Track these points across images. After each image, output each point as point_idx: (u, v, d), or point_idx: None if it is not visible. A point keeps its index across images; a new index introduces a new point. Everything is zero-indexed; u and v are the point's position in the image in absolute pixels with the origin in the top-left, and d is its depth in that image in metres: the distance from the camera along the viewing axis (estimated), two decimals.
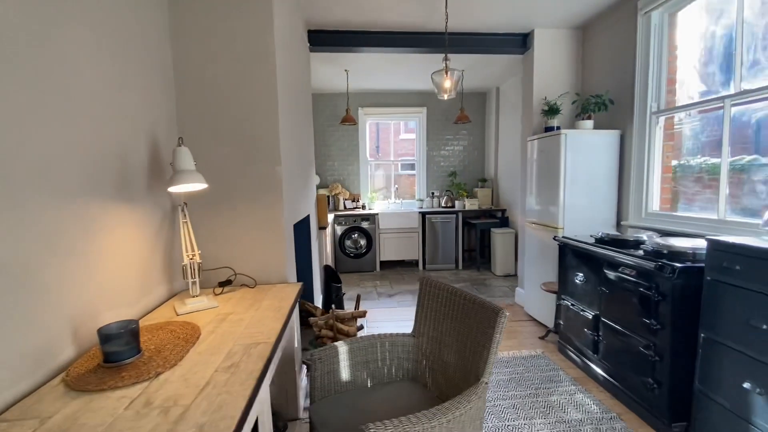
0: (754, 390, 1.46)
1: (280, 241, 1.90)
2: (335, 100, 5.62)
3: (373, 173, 6.02)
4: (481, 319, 1.32)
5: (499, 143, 5.57)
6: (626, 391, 2.09)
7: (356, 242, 5.35)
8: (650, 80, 2.75)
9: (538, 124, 3.51)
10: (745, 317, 1.49)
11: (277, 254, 1.90)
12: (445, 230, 5.35)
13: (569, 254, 2.63)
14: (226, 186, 1.82)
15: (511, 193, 5.20)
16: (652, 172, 2.80)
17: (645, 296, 1.92)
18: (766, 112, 2.01)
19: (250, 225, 1.86)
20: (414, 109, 5.79)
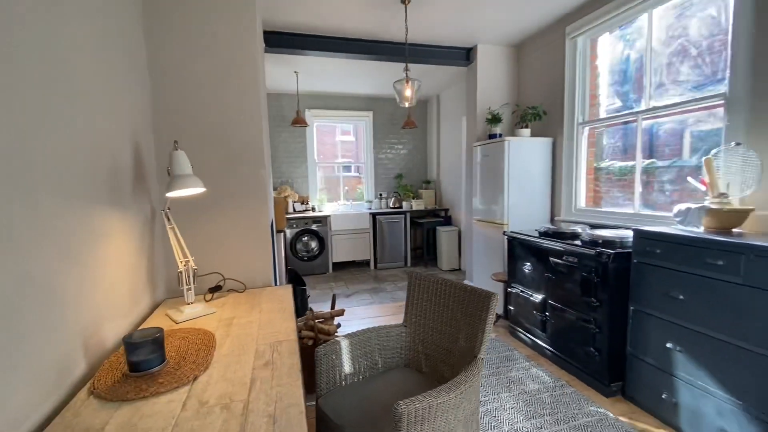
0: (675, 348, 1.85)
1: (265, 245, 1.91)
2: (281, 100, 5.53)
3: (322, 176, 6.02)
4: (473, 303, 1.50)
5: (440, 147, 5.95)
6: (572, 362, 2.45)
7: (307, 245, 5.33)
8: (576, 96, 3.22)
9: (483, 131, 3.87)
10: (664, 290, 1.88)
11: (262, 258, 1.91)
12: (394, 230, 5.57)
13: (518, 247, 2.97)
14: (211, 190, 1.78)
15: (453, 193, 5.60)
16: (579, 174, 3.28)
17: (586, 279, 2.28)
18: (670, 124, 2.51)
19: (235, 229, 1.84)
20: (361, 113, 5.93)
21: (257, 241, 1.88)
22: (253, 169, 1.85)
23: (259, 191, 1.87)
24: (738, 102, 2.02)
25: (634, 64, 2.81)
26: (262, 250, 1.90)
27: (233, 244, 1.84)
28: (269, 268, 1.92)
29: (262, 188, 1.88)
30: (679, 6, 2.47)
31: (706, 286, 1.70)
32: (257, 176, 1.86)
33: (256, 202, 1.87)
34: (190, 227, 1.77)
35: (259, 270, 1.90)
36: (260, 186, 1.87)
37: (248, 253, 1.87)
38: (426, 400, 1.12)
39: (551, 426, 1.94)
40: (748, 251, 1.55)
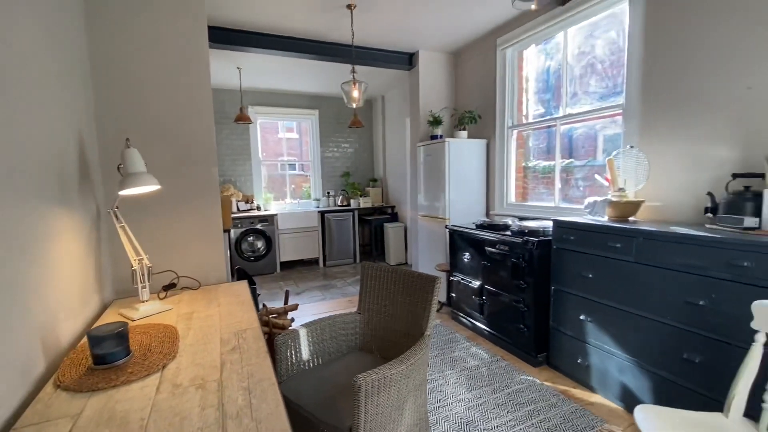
0: (586, 319, 2.19)
1: (218, 242, 1.93)
2: (222, 96, 5.36)
3: (267, 174, 5.92)
4: (421, 287, 1.68)
5: (386, 146, 6.15)
6: (506, 339, 2.76)
7: (253, 245, 5.24)
8: (506, 101, 3.57)
9: (424, 132, 4.12)
10: (578, 270, 2.22)
11: (215, 255, 1.93)
12: (342, 227, 5.67)
13: (458, 239, 3.25)
14: (162, 188, 1.76)
15: (399, 191, 5.83)
16: (509, 172, 3.64)
17: (516, 264, 2.58)
18: (583, 129, 2.91)
19: (188, 227, 1.85)
20: (307, 111, 5.93)
21: (210, 239, 1.90)
22: (204, 166, 1.87)
23: (211, 189, 1.89)
24: (632, 111, 2.43)
25: (553, 75, 3.20)
26: (215, 247, 1.92)
27: (186, 242, 1.84)
28: (223, 265, 1.94)
29: (213, 186, 1.90)
30: (587, 27, 2.87)
31: (609, 265, 2.05)
32: (209, 174, 1.88)
33: (208, 199, 1.89)
34: (140, 226, 1.75)
35: (213, 267, 1.92)
36: (212, 184, 1.89)
37: (201, 250, 1.88)
38: (381, 372, 1.27)
39: (488, 395, 2.20)
40: (638, 235, 1.91)
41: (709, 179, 2.03)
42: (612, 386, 2.09)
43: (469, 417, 2.01)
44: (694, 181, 2.09)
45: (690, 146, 2.11)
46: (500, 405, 2.10)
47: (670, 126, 2.21)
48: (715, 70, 1.97)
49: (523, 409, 2.06)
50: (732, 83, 1.91)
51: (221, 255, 1.94)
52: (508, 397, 2.18)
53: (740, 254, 1.52)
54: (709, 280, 1.62)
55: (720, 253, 1.58)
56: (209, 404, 0.86)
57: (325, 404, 1.41)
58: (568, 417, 1.98)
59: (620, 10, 2.55)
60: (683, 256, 1.71)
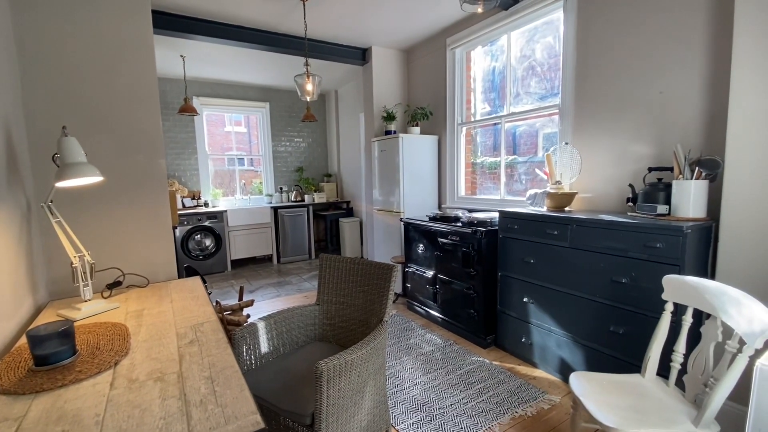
0: (529, 301, 2.38)
1: (167, 237, 1.85)
2: (165, 85, 5.04)
3: (214, 169, 5.67)
4: (378, 275, 1.74)
5: (340, 141, 6.14)
6: (457, 324, 2.91)
7: (200, 243, 5.01)
8: (456, 99, 3.73)
9: (379, 127, 4.18)
10: (521, 257, 2.40)
11: (164, 251, 1.85)
12: (297, 223, 5.59)
13: (412, 231, 3.36)
14: (104, 180, 1.66)
15: (354, 186, 5.86)
16: (459, 167, 3.81)
17: (466, 253, 2.73)
18: (525, 127, 3.13)
19: (134, 222, 1.75)
20: (257, 103, 5.75)
21: (158, 234, 1.82)
22: (150, 157, 1.78)
23: (158, 182, 1.81)
24: (567, 111, 2.66)
25: (498, 76, 3.40)
26: (163, 242, 1.84)
27: (132, 238, 1.75)
28: (173, 261, 1.87)
29: (161, 178, 1.81)
30: (528, 31, 3.08)
31: (547, 251, 2.24)
32: (155, 165, 1.80)
33: (155, 192, 1.80)
34: (79, 221, 1.63)
35: (162, 263, 1.84)
36: (159, 176, 1.81)
37: (149, 246, 1.80)
38: (342, 357, 1.31)
39: (443, 377, 2.32)
40: (572, 223, 2.11)
41: (631, 172, 2.29)
42: (551, 360, 2.30)
43: (425, 398, 2.11)
44: (619, 174, 2.35)
45: (615, 143, 2.37)
46: (453, 385, 2.23)
47: (598, 124, 2.45)
48: (635, 75, 2.22)
49: (474, 387, 2.20)
50: (648, 88, 2.16)
51: (171, 251, 1.86)
52: (460, 377, 2.31)
53: (653, 237, 1.75)
54: (630, 260, 1.85)
55: (638, 237, 1.81)
56: (170, 395, 0.85)
57: (286, 394, 1.43)
58: (515, 391, 2.15)
59: (556, 17, 2.77)
60: (609, 240, 1.93)
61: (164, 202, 1.82)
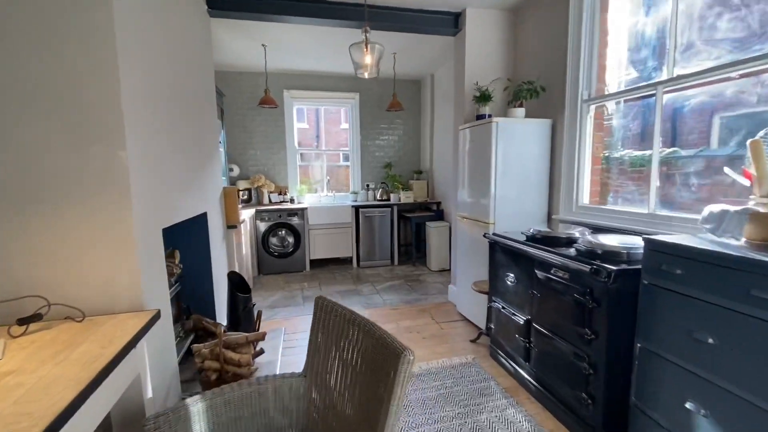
0: (698, 411, 1.28)
1: (129, 253, 1.40)
2: (256, 79, 5.00)
3: (303, 164, 5.50)
4: (382, 360, 0.97)
5: (434, 133, 5.35)
6: (558, 404, 1.90)
7: (283, 240, 4.85)
8: (582, 66, 2.60)
9: (470, 111, 3.28)
10: (687, 328, 1.31)
11: (124, 271, 1.40)
12: (380, 225, 5.03)
13: (500, 253, 2.41)
14: (34, 177, 1.28)
15: (446, 185, 5.01)
16: (583, 163, 2.67)
17: (578, 302, 1.71)
18: (701, 97, 1.89)
19: (80, 231, 1.34)
20: (346, 94, 5.36)
21: (117, 248, 1.38)
22: (106, 148, 1.34)
23: (118, 179, 1.37)
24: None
25: (654, 22, 2.18)
26: (125, 259, 1.40)
27: (75, 253, 1.34)
28: (137, 285, 1.42)
29: (122, 175, 1.37)
30: None
31: (752, 330, 1.13)
32: (114, 159, 1.35)
33: (114, 193, 1.37)
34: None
35: (120, 288, 1.40)
36: (119, 172, 1.36)
37: (101, 264, 1.38)
38: None
39: None
40: None
41: None
42: None
43: None
44: None
45: None
46: None
47: None
48: None
49: None
50: None
51: (135, 270, 1.41)
52: None
53: None
54: None
55: None
56: None
57: None
58: None
59: None
60: None
61: (125, 206, 1.38)
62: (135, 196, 1.42)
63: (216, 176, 2.94)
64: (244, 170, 5.13)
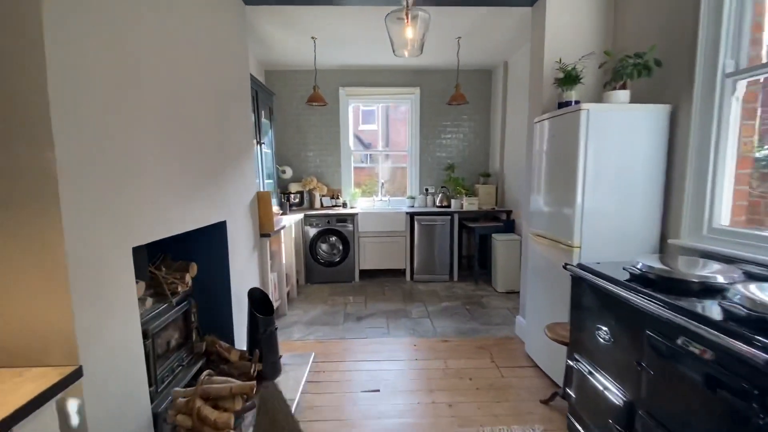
0: None
1: (60, 284, 1.07)
2: (310, 77, 4.72)
3: (358, 166, 5.14)
4: None
5: (506, 130, 4.60)
6: None
7: (334, 246, 4.51)
8: (725, 24, 1.77)
9: (550, 98, 2.56)
10: None
11: (53, 308, 1.07)
12: (439, 234, 4.44)
13: (588, 294, 1.71)
14: None
15: (520, 191, 4.23)
16: (721, 167, 1.83)
17: (736, 407, 0.99)
18: None
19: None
20: (406, 89, 4.86)
21: (38, 277, 1.05)
22: (25, 147, 1.02)
23: (42, 188, 1.03)
24: None
25: None
26: (53, 291, 1.06)
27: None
28: (68, 325, 1.08)
29: (48, 182, 1.03)
30: None
31: None
32: (38, 161, 1.03)
33: (36, 205, 1.04)
34: None
35: (43, 330, 1.07)
36: (43, 178, 1.03)
37: (26, 302, 1.06)
38: None
39: None
40: None
41: None
42: None
43: None
44: None
45: None
46: None
47: None
48: None
49: None
50: None
51: (66, 306, 1.07)
52: None
53: None
54: None
55: None
56: None
57: None
58: None
59: None
60: None
61: (53, 223, 1.04)
62: (73, 209, 1.08)
63: (245, 180, 2.64)
64: (297, 172, 4.91)
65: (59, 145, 1.04)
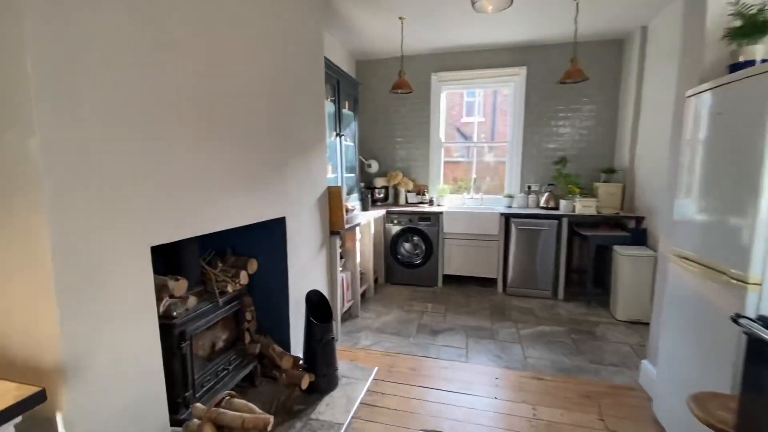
0: None
1: (44, 282, 0.94)
2: (399, 66, 4.42)
3: (449, 159, 4.67)
4: None
5: (640, 114, 3.61)
6: None
7: (417, 246, 4.17)
8: None
9: (716, 60, 1.77)
10: None
11: (45, 308, 0.95)
12: (542, 241, 3.73)
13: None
14: None
15: (656, 192, 3.26)
16: None
17: None
18: None
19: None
20: (510, 70, 4.20)
21: (22, 275, 0.94)
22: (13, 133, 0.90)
23: (21, 177, 0.91)
24: None
25: None
26: (35, 289, 0.95)
27: None
28: (53, 327, 0.95)
29: (29, 171, 0.91)
30: None
31: None
32: (15, 148, 0.90)
33: (16, 198, 0.92)
34: None
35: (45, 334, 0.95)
36: (23, 167, 0.91)
37: (5, 302, 0.96)
38: None
39: None
40: None
41: None
42: None
43: None
44: None
45: None
46: None
47: None
48: None
49: None
50: None
51: (54, 312, 0.95)
52: None
53: None
54: None
55: None
56: None
57: None
58: None
59: None
60: None
61: (33, 218, 0.92)
62: (63, 204, 0.95)
63: (312, 175, 2.46)
64: (384, 166, 4.68)
65: (48, 131, 0.91)
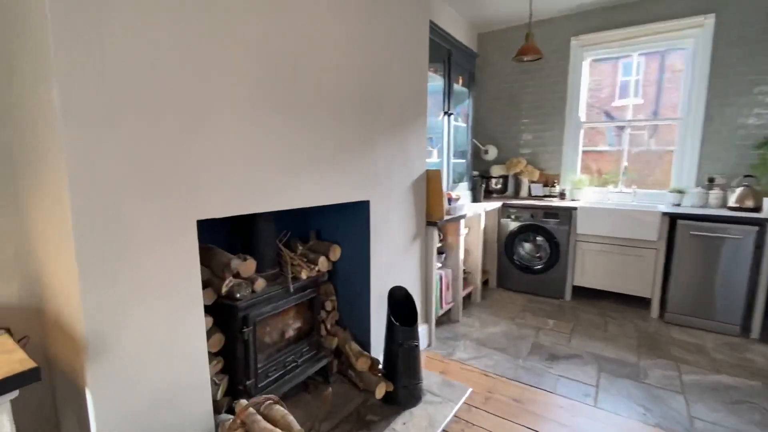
0: None
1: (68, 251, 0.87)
2: (520, 32, 3.74)
3: (590, 143, 3.79)
4: None
5: None
6: None
7: (539, 248, 3.50)
8: None
9: None
10: None
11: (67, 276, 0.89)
12: (729, 254, 2.67)
13: None
14: None
15: None
16: None
17: None
18: None
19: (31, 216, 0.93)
20: (687, 22, 3.12)
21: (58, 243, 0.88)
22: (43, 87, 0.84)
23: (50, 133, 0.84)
24: None
25: None
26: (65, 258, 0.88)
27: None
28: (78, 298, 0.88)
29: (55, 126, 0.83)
30: None
31: None
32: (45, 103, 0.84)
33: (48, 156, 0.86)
34: None
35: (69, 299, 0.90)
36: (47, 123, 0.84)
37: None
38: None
39: None
40: None
41: None
42: None
43: None
44: None
45: None
46: None
47: None
48: None
49: None
50: None
51: (74, 282, 0.88)
52: None
53: None
54: None
55: None
56: None
57: None
58: None
59: None
60: None
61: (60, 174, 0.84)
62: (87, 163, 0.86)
63: (408, 155, 2.16)
64: (504, 152, 4.07)
65: (71, 84, 0.82)
